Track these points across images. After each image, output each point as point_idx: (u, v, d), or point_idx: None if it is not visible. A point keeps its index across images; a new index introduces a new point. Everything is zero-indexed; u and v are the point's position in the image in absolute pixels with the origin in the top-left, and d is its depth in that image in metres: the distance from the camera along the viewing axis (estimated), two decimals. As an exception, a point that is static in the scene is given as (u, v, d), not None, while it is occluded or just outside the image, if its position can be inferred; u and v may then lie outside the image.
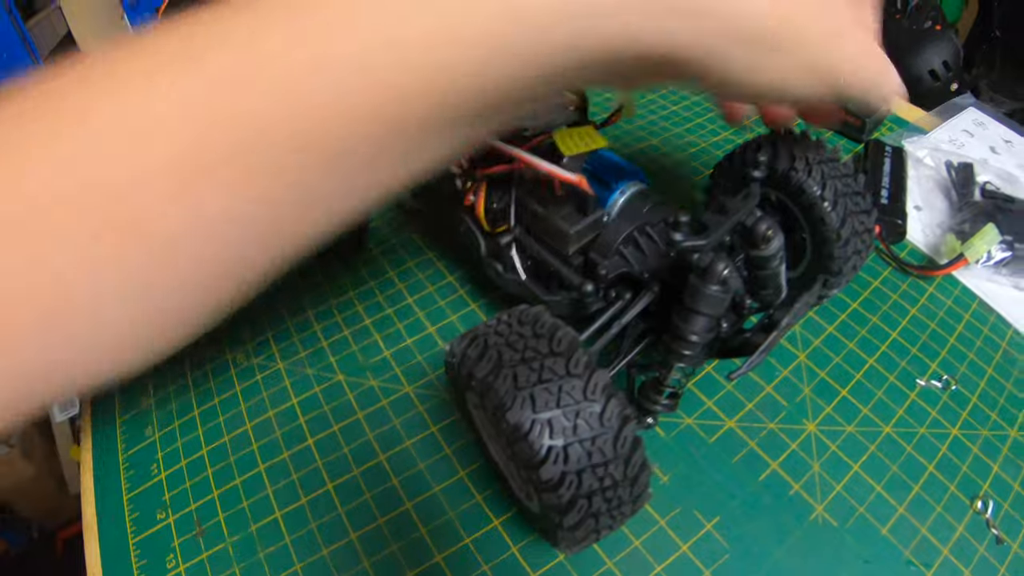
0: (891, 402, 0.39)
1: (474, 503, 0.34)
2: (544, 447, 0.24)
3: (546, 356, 0.25)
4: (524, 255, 0.37)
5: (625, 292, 0.33)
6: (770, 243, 0.30)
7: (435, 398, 0.39)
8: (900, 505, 0.35)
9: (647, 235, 0.33)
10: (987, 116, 0.65)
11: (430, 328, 0.43)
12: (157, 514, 0.35)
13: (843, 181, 0.36)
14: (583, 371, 0.25)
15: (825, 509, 0.34)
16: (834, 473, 0.36)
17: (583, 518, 0.25)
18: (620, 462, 0.25)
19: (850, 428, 0.38)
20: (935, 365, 0.41)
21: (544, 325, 0.26)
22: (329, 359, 0.42)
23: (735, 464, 0.36)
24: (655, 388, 0.31)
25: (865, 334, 0.43)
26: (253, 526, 0.34)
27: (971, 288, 0.47)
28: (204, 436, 0.39)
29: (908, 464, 0.36)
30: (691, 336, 0.29)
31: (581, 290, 0.33)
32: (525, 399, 0.24)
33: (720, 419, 0.38)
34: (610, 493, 0.25)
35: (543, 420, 0.24)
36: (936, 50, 1.04)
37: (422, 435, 0.37)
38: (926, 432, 0.38)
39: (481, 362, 0.26)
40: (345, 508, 0.35)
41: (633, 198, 0.35)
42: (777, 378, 0.40)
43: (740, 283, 0.32)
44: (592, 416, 0.24)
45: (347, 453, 0.37)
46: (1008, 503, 0.35)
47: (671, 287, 0.31)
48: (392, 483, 0.35)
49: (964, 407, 0.39)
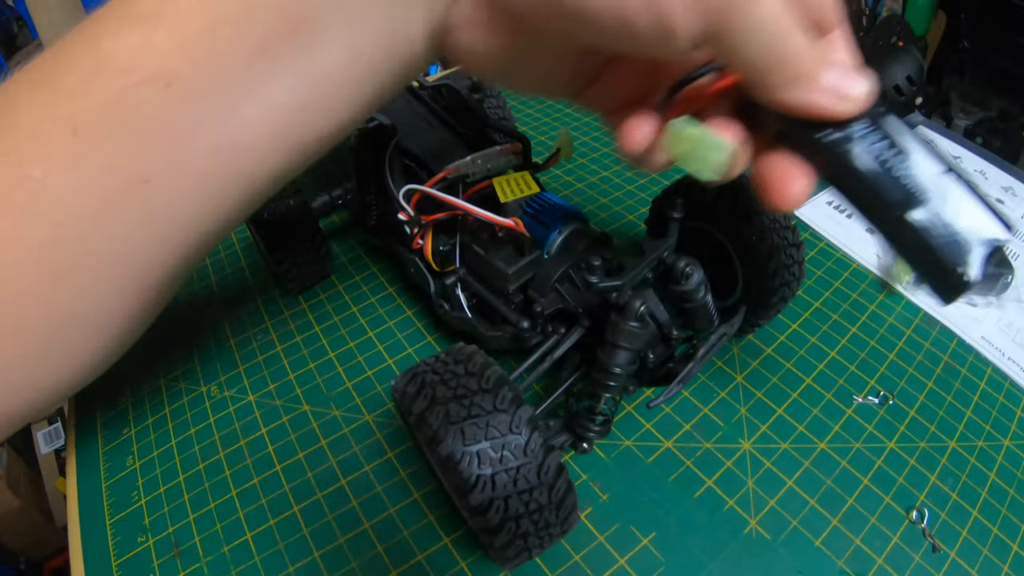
0: (827, 419, 0.41)
1: (427, 522, 0.37)
2: (473, 475, 0.26)
3: (476, 393, 0.28)
4: (468, 293, 0.39)
5: (561, 327, 0.35)
6: (689, 279, 0.33)
7: (392, 425, 0.42)
8: (834, 517, 0.37)
9: (582, 272, 0.36)
10: (936, 134, 0.68)
11: (389, 360, 0.46)
12: (138, 537, 0.38)
13: (771, 216, 0.38)
14: (509, 406, 0.27)
15: (759, 523, 0.36)
16: (768, 489, 0.38)
17: (512, 539, 0.28)
18: (544, 488, 0.27)
19: (785, 445, 0.40)
20: (873, 381, 0.44)
21: (476, 364, 0.29)
22: (296, 391, 0.44)
23: (671, 482, 0.38)
24: (588, 416, 0.33)
25: (804, 354, 0.45)
26: (226, 547, 0.37)
27: (921, 306, 0.49)
28: (181, 464, 0.41)
29: (843, 478, 0.38)
30: (614, 368, 0.31)
31: (519, 326, 0.36)
32: (456, 433, 0.27)
33: (658, 440, 0.40)
34: (536, 516, 0.28)
35: (472, 452, 0.27)
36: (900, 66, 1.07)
37: (380, 460, 0.40)
38: (861, 447, 0.40)
39: (418, 399, 0.28)
40: (309, 529, 0.37)
41: (570, 237, 0.37)
42: (714, 400, 0.42)
43: (667, 316, 0.34)
44: (517, 447, 0.27)
45: (311, 478, 0.39)
46: (945, 512, 0.37)
47: (601, 322, 0.34)
48: (352, 505, 0.38)
49: (902, 421, 0.41)
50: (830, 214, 0.57)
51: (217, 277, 0.54)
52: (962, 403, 0.43)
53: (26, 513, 1.00)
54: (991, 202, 0.20)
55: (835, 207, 0.57)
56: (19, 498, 0.99)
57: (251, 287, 0.53)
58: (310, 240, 0.46)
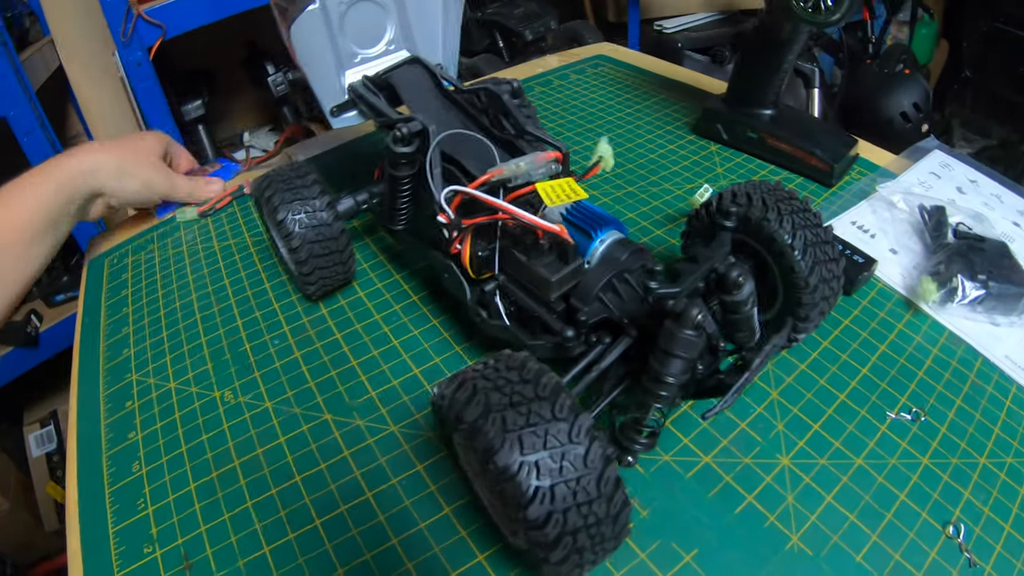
0: (862, 435, 0.41)
1: (459, 538, 0.35)
2: (532, 487, 0.25)
3: (532, 400, 0.27)
4: (508, 301, 0.38)
5: (605, 336, 0.35)
6: (741, 289, 0.32)
7: (420, 437, 0.40)
8: (873, 533, 0.36)
9: (625, 281, 0.35)
10: (952, 158, 0.68)
11: (415, 370, 0.44)
12: (144, 548, 0.36)
13: (813, 231, 0.38)
14: (568, 415, 0.26)
15: (800, 539, 0.35)
16: (808, 504, 0.37)
17: (568, 554, 0.26)
18: (603, 500, 0.26)
19: (823, 461, 0.39)
20: (904, 398, 0.43)
21: (530, 370, 0.28)
22: (316, 398, 0.43)
23: (711, 498, 0.37)
24: (634, 428, 0.32)
25: (836, 371, 0.44)
26: (241, 561, 0.35)
27: (946, 325, 0.48)
28: (192, 472, 0.39)
29: (880, 493, 0.38)
30: (667, 378, 0.30)
31: (562, 335, 0.35)
32: (513, 442, 0.26)
33: (697, 455, 0.39)
34: (594, 530, 0.26)
35: (531, 462, 0.25)
36: (906, 93, 1.09)
37: (408, 473, 0.38)
38: (896, 463, 0.39)
39: (470, 406, 0.27)
40: (332, 544, 0.35)
41: (612, 246, 0.36)
42: (751, 415, 0.41)
43: (715, 327, 0.33)
44: (577, 457, 0.26)
45: (334, 490, 0.38)
46: (979, 527, 0.36)
47: (649, 331, 0.33)
48: (379, 519, 0.36)
49: (934, 437, 0.41)
50: (855, 233, 0.56)
51: (231, 279, 0.53)
52: (990, 420, 0.42)
53: (15, 516, 0.99)
54: None
55: (859, 227, 0.57)
56: (8, 501, 0.97)
57: (267, 291, 0.51)
58: (334, 244, 0.45)
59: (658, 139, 0.70)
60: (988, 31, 1.12)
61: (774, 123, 0.63)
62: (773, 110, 0.63)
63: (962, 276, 0.48)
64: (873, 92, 1.11)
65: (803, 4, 0.51)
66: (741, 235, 0.39)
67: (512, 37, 1.43)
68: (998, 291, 0.48)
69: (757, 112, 0.64)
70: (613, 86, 0.82)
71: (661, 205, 0.59)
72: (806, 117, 0.65)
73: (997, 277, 0.48)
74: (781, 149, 0.63)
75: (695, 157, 0.66)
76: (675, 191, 0.61)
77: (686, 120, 0.73)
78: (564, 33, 1.43)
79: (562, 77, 0.85)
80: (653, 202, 0.60)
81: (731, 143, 0.67)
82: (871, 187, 0.61)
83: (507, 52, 1.47)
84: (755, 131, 0.64)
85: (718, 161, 0.66)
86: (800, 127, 0.63)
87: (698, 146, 0.68)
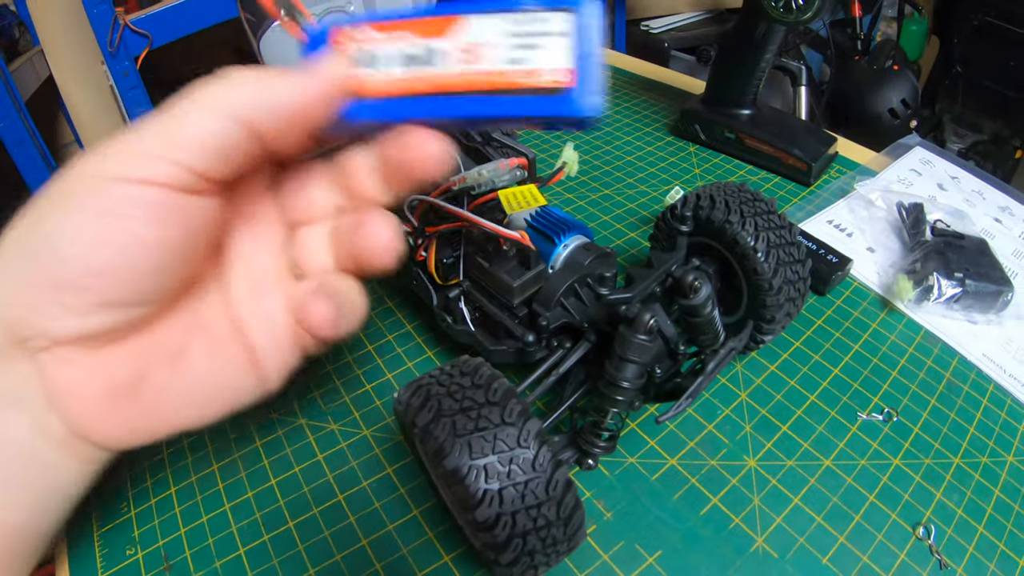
0: (832, 436, 0.41)
1: (426, 540, 0.36)
2: (480, 490, 0.26)
3: (483, 405, 0.27)
4: (472, 307, 0.39)
5: (566, 341, 0.35)
6: (698, 292, 0.32)
7: (391, 440, 0.41)
8: (840, 535, 0.36)
9: (588, 286, 0.35)
10: (933, 154, 0.68)
11: (388, 374, 0.45)
12: (127, 550, 0.37)
13: (777, 232, 0.38)
14: (517, 419, 0.27)
15: (765, 541, 0.36)
16: (774, 506, 0.37)
17: (518, 556, 0.27)
18: (553, 503, 0.27)
19: (791, 462, 0.39)
20: (877, 398, 0.43)
21: (482, 376, 0.28)
22: (292, 403, 0.43)
23: (677, 500, 0.38)
24: (594, 431, 0.33)
25: (807, 371, 0.45)
26: (218, 562, 0.36)
27: (922, 324, 0.49)
28: (172, 476, 0.40)
29: (848, 495, 0.38)
30: (623, 382, 0.31)
31: (523, 340, 0.35)
32: (462, 446, 0.26)
33: (663, 457, 0.40)
34: (544, 532, 0.27)
35: (479, 466, 0.26)
36: (895, 89, 1.09)
37: (378, 476, 0.39)
38: (866, 464, 0.39)
39: (423, 411, 0.28)
40: (305, 545, 0.36)
41: (576, 251, 0.37)
42: (719, 417, 0.42)
43: (673, 330, 0.34)
44: (525, 461, 0.26)
45: (307, 492, 0.38)
46: (951, 529, 0.36)
47: (607, 336, 0.33)
48: (350, 521, 0.37)
49: (906, 438, 0.41)
50: (831, 232, 0.57)
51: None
52: (965, 420, 0.42)
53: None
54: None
55: (835, 225, 0.57)
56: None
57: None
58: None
59: (636, 141, 0.70)
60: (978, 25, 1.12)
61: (752, 123, 0.63)
62: (751, 110, 0.64)
63: (938, 274, 0.49)
64: (861, 88, 1.11)
65: (775, 4, 0.52)
66: (705, 238, 0.39)
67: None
68: (975, 289, 0.48)
69: (735, 112, 0.64)
70: (597, 88, 0.82)
71: (636, 208, 0.60)
72: (785, 117, 0.65)
73: (974, 275, 0.48)
74: (758, 149, 0.63)
75: (672, 159, 0.67)
76: (651, 193, 0.61)
77: (666, 121, 0.73)
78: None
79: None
80: (628, 204, 0.60)
81: (709, 144, 0.67)
82: (850, 185, 0.61)
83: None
84: (733, 131, 0.64)
85: (696, 162, 0.66)
86: (778, 127, 0.63)
87: (676, 147, 0.69)
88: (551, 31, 0.21)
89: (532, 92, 0.22)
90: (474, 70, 0.23)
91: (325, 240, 0.28)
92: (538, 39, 0.22)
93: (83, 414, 0.24)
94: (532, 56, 0.22)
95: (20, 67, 0.92)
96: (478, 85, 0.23)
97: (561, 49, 0.22)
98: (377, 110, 0.25)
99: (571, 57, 0.21)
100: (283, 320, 0.27)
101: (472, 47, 0.23)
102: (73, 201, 0.22)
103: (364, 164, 0.26)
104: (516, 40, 0.22)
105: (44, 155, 0.91)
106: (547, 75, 0.22)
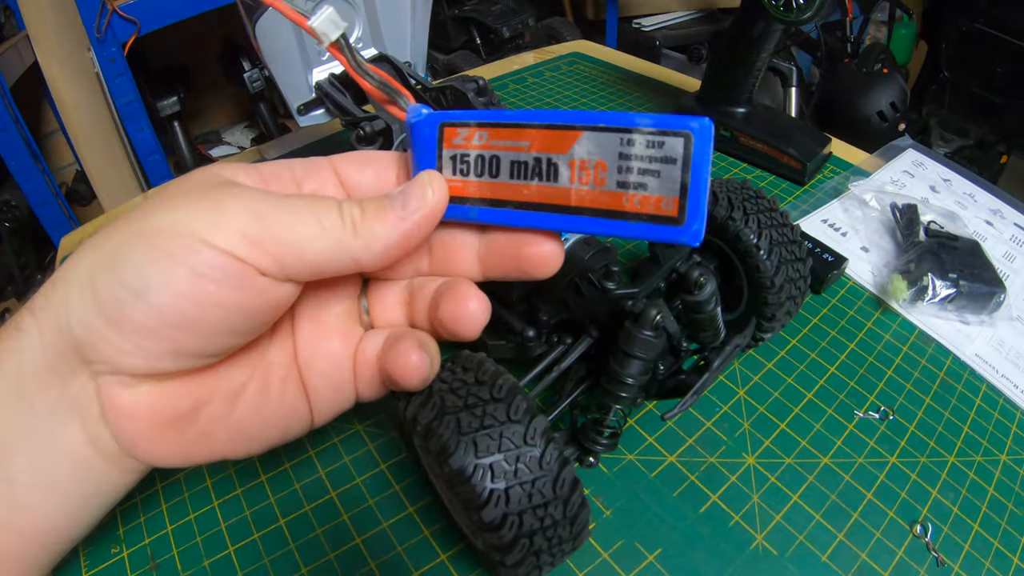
0: (829, 434, 0.41)
1: (422, 538, 0.35)
2: (486, 490, 0.25)
3: (488, 402, 0.26)
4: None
5: (567, 337, 0.34)
6: (703, 289, 0.32)
7: (385, 436, 0.40)
8: (839, 532, 0.36)
9: (588, 281, 0.35)
10: (926, 157, 0.68)
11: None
12: (111, 548, 0.35)
13: (779, 230, 0.38)
14: (523, 417, 0.26)
15: (765, 538, 0.36)
16: (774, 504, 0.37)
17: (524, 556, 0.26)
18: (559, 502, 0.26)
19: (789, 460, 0.39)
20: (873, 397, 0.43)
21: (486, 372, 0.28)
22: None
23: (676, 497, 0.37)
24: (595, 428, 0.32)
25: (804, 369, 0.45)
26: (207, 561, 0.35)
27: (916, 324, 0.49)
28: (159, 471, 0.39)
29: (847, 493, 0.38)
30: (627, 379, 0.30)
31: (523, 335, 0.34)
32: (468, 444, 0.25)
33: (661, 454, 0.39)
34: (550, 532, 0.26)
35: (485, 464, 0.25)
36: (884, 92, 1.10)
37: (372, 472, 0.38)
38: (864, 461, 0.39)
39: (425, 408, 0.27)
40: (296, 543, 0.35)
41: (576, 245, 0.36)
42: (717, 414, 0.41)
43: (677, 327, 0.33)
44: (532, 460, 0.26)
45: (299, 489, 0.37)
46: (947, 526, 0.37)
47: (610, 332, 0.33)
48: (343, 519, 0.36)
49: (902, 436, 0.41)
50: (826, 232, 0.57)
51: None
52: (959, 419, 0.42)
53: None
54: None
55: (830, 225, 0.57)
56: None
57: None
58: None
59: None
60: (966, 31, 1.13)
61: (747, 121, 0.63)
62: (747, 108, 0.64)
63: (932, 275, 0.49)
64: (851, 91, 1.11)
65: (775, 2, 0.52)
66: (707, 235, 0.39)
67: (489, 34, 1.44)
68: (969, 290, 0.48)
69: (730, 110, 0.64)
70: (588, 83, 0.82)
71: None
72: (780, 116, 0.65)
73: (968, 276, 0.49)
74: (754, 147, 0.63)
75: (669, 155, 0.66)
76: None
77: (661, 118, 0.73)
78: (542, 30, 1.43)
79: (537, 75, 0.85)
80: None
81: (705, 141, 0.67)
82: (844, 186, 0.61)
83: (484, 49, 1.47)
84: (728, 129, 0.64)
85: (692, 159, 0.66)
86: (773, 126, 0.63)
87: (672, 144, 0.68)
88: (665, 156, 0.21)
89: (641, 218, 0.22)
90: (586, 190, 0.23)
91: (401, 296, 0.29)
92: (650, 164, 0.22)
93: (137, 435, 0.25)
94: (644, 181, 0.22)
95: (5, 52, 0.89)
96: (588, 203, 0.23)
97: (673, 177, 0.21)
98: (482, 215, 0.25)
99: (682, 186, 0.21)
100: (344, 363, 0.28)
101: (584, 164, 0.23)
102: (172, 253, 0.22)
103: (464, 242, 0.27)
104: (628, 163, 0.22)
105: (28, 142, 0.89)
106: (657, 203, 0.22)
